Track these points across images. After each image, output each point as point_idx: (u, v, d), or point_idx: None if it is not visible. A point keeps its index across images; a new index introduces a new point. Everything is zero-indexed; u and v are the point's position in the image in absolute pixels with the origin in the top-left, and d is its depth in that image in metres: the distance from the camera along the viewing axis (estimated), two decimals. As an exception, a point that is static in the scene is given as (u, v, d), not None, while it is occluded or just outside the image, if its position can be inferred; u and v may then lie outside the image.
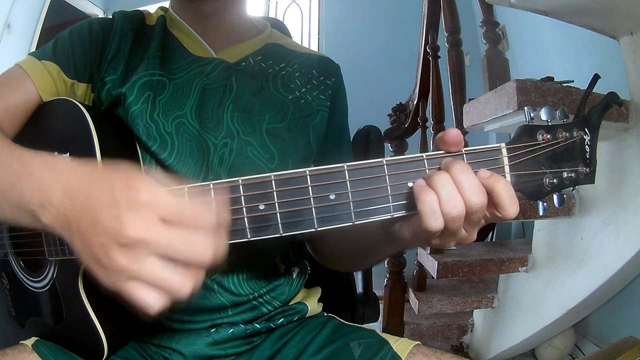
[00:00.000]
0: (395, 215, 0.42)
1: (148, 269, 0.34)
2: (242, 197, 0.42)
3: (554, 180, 0.43)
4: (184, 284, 0.35)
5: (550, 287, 1.50)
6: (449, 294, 1.75)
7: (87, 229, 0.36)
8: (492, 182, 0.40)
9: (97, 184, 0.37)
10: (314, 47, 3.69)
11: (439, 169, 0.42)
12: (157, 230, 0.34)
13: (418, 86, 2.03)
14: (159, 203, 0.34)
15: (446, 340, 1.88)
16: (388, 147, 2.10)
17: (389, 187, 0.42)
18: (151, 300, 0.35)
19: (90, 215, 0.36)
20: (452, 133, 0.42)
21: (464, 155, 0.42)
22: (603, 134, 1.26)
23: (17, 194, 0.42)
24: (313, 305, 0.72)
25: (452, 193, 0.40)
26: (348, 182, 0.41)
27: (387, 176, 0.42)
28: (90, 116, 0.55)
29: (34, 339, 0.58)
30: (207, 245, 0.35)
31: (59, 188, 0.39)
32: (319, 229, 0.42)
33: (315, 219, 0.42)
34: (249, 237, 0.43)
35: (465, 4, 2.41)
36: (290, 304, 0.69)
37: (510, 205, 0.40)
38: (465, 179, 0.40)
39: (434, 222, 0.40)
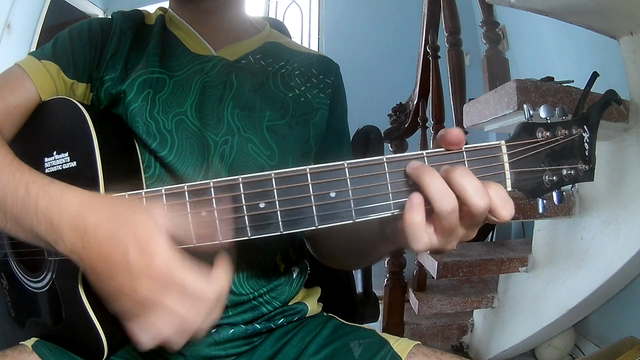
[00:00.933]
0: (395, 213, 0.42)
1: (156, 321, 0.40)
2: (243, 195, 0.42)
3: (554, 178, 0.43)
4: (175, 338, 0.42)
5: (550, 287, 1.50)
6: (449, 294, 1.75)
7: (101, 274, 0.41)
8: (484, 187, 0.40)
9: (110, 241, 0.40)
10: (314, 47, 3.69)
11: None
12: (163, 293, 0.39)
13: (418, 86, 2.03)
14: (169, 272, 0.39)
15: (446, 340, 1.88)
16: (388, 147, 2.10)
17: (389, 184, 0.41)
18: (144, 337, 0.42)
19: (106, 266, 0.40)
20: (454, 132, 0.42)
21: (464, 152, 0.42)
22: (603, 134, 1.27)
23: (28, 224, 0.44)
24: (313, 305, 0.72)
25: (444, 191, 0.40)
26: (348, 180, 0.41)
27: (387, 174, 0.41)
28: (90, 116, 0.54)
29: (33, 339, 0.58)
30: (196, 320, 0.41)
31: (68, 229, 0.41)
32: (319, 226, 0.42)
33: (315, 217, 0.41)
34: (249, 235, 0.42)
35: (465, 4, 2.41)
36: (290, 304, 0.69)
37: (503, 208, 0.40)
38: (468, 183, 0.39)
39: (416, 245, 0.41)
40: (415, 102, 2.04)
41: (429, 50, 1.91)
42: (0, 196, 0.46)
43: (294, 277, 0.70)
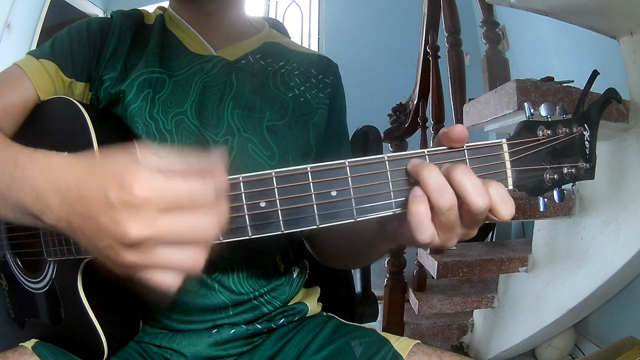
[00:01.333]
0: (397, 212, 0.42)
1: (159, 258, 0.35)
2: (243, 194, 0.42)
3: (555, 176, 0.43)
4: (196, 259, 0.36)
5: (550, 287, 1.50)
6: (449, 294, 1.75)
7: (91, 234, 0.36)
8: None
9: (90, 188, 0.36)
10: (314, 47, 3.69)
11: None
12: (158, 223, 0.34)
13: (418, 86, 2.03)
14: (155, 197, 0.34)
15: (446, 340, 1.88)
16: (388, 147, 2.10)
17: (390, 183, 0.41)
18: (169, 282, 0.36)
19: (92, 222, 0.36)
20: (458, 129, 0.41)
21: (466, 151, 0.42)
22: (603, 134, 1.27)
23: (15, 197, 0.41)
24: (313, 304, 0.72)
25: (443, 186, 0.40)
26: (349, 179, 0.41)
27: (388, 172, 0.41)
28: (89, 115, 0.54)
29: (33, 340, 0.58)
30: (209, 223, 0.36)
31: (53, 193, 0.38)
32: (320, 225, 0.41)
33: (316, 216, 0.41)
34: (250, 234, 0.42)
35: (465, 4, 2.41)
36: (290, 303, 0.69)
37: (503, 207, 0.40)
38: (468, 182, 0.39)
39: (421, 236, 0.40)
40: (415, 102, 2.04)
41: (429, 50, 1.91)
42: None
43: (295, 277, 0.70)
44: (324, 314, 0.73)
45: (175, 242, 0.35)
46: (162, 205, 0.34)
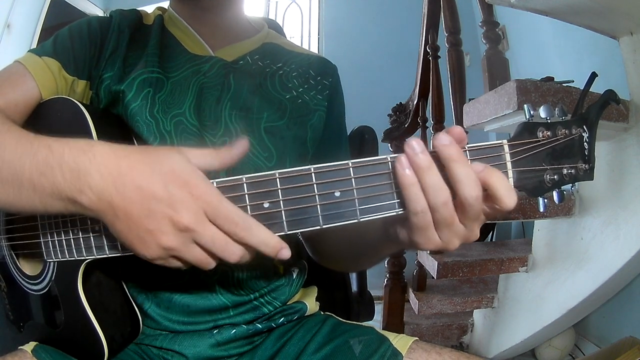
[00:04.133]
0: (400, 212, 0.42)
1: (191, 253, 0.41)
2: (247, 195, 0.42)
3: (554, 177, 0.43)
4: (212, 264, 0.43)
5: (550, 287, 1.50)
6: (449, 294, 1.76)
7: (138, 216, 0.40)
8: (486, 175, 0.40)
9: (149, 180, 0.40)
10: (314, 47, 3.69)
11: (434, 153, 0.41)
12: (205, 224, 0.40)
13: (418, 86, 2.03)
14: (211, 200, 0.40)
15: (446, 340, 1.88)
16: (388, 147, 2.10)
17: (393, 184, 0.41)
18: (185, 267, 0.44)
19: (144, 205, 0.40)
20: (456, 130, 0.41)
21: (467, 151, 0.42)
22: (603, 134, 1.27)
23: (49, 182, 0.42)
24: (311, 304, 0.72)
25: (436, 182, 0.39)
26: (353, 179, 0.41)
27: (391, 173, 0.41)
28: (90, 115, 0.54)
29: (33, 343, 0.57)
30: (237, 252, 0.42)
31: (99, 176, 0.40)
32: (324, 226, 0.42)
33: (320, 217, 0.41)
34: None
35: (465, 4, 2.41)
36: (289, 303, 0.70)
37: (507, 195, 0.40)
38: (460, 172, 0.39)
39: (414, 206, 0.40)
40: (415, 102, 2.04)
41: (429, 50, 1.91)
42: (17, 165, 0.43)
43: (294, 277, 0.70)
44: (322, 313, 0.74)
45: (205, 248, 0.41)
46: (210, 214, 0.40)
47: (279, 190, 0.41)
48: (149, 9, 0.74)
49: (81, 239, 0.50)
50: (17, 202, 0.45)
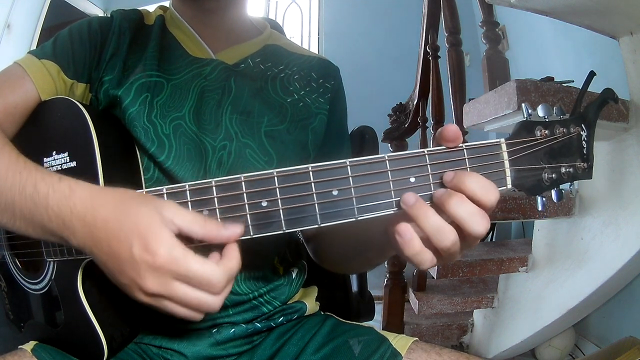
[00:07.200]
0: (397, 211, 0.42)
1: (168, 305, 0.42)
2: (245, 194, 0.42)
3: (553, 175, 0.43)
4: (196, 316, 0.44)
5: (550, 287, 1.50)
6: (449, 294, 1.75)
7: (113, 270, 0.42)
8: (458, 182, 0.41)
9: (117, 238, 0.41)
10: (314, 48, 3.69)
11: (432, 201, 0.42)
12: (172, 287, 0.40)
13: (418, 86, 2.03)
14: (173, 267, 0.40)
15: (446, 340, 1.88)
16: (388, 147, 2.10)
17: (391, 182, 0.42)
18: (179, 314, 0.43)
19: (115, 262, 0.41)
20: (451, 129, 0.42)
21: (465, 150, 0.42)
22: (603, 134, 1.27)
23: (39, 221, 0.45)
24: (311, 303, 0.72)
25: (440, 225, 0.41)
26: (351, 178, 0.41)
27: (389, 172, 0.42)
28: (90, 116, 0.54)
29: (32, 343, 0.57)
30: (213, 302, 0.42)
31: (80, 225, 0.42)
32: (322, 225, 0.42)
33: (318, 215, 0.42)
34: (251, 234, 0.42)
35: (465, 4, 2.41)
36: (289, 302, 0.69)
37: (485, 195, 0.40)
38: (464, 211, 0.40)
39: (422, 265, 0.43)
40: (415, 102, 2.04)
41: (429, 50, 1.91)
42: (8, 196, 0.46)
43: (294, 277, 0.70)
44: (322, 312, 0.74)
45: (183, 304, 0.42)
46: (176, 276, 0.40)
47: (277, 189, 0.41)
48: (150, 8, 0.73)
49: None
50: (16, 229, 0.48)
